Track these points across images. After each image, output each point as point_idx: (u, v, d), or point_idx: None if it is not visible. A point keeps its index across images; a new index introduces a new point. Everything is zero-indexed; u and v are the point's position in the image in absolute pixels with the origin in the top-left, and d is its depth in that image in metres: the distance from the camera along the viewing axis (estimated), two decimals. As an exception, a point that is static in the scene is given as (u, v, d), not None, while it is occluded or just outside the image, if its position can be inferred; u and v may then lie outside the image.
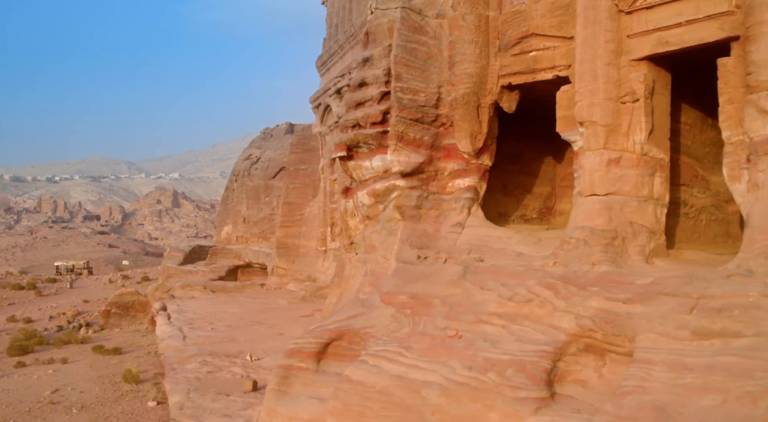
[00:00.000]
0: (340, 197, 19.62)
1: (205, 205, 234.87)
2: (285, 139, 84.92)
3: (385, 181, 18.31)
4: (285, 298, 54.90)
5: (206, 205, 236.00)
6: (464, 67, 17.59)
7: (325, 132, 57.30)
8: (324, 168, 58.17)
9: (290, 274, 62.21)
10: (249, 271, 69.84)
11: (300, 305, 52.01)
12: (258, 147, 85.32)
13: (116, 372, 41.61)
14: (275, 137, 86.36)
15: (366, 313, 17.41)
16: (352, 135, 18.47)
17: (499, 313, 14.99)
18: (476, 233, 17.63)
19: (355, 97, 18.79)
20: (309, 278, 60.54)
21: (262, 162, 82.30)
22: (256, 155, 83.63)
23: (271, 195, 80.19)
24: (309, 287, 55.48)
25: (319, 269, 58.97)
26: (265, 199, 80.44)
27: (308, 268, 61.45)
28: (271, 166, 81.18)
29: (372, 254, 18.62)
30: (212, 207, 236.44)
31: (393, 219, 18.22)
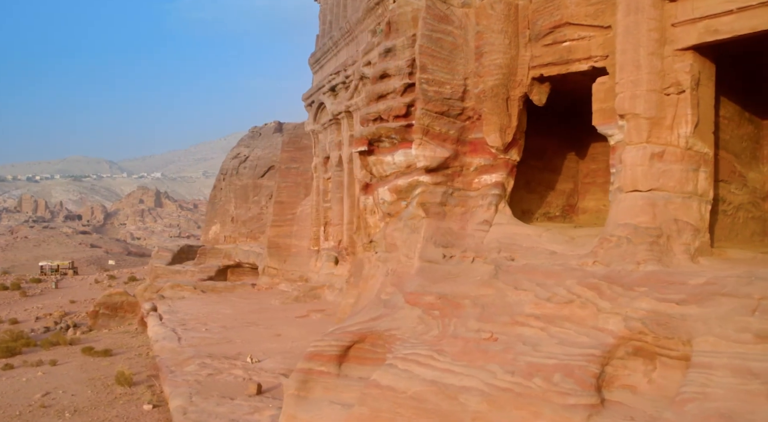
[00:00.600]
0: (359, 193, 18.76)
1: (187, 205, 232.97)
2: (274, 137, 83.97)
3: (408, 177, 17.50)
4: (278, 298, 53.95)
5: (189, 205, 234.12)
6: (493, 57, 16.80)
7: (318, 130, 56.41)
8: (317, 166, 57.30)
9: (282, 274, 61.27)
10: (239, 271, 68.79)
11: (293, 305, 51.09)
12: (246, 146, 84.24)
13: (108, 375, 40.51)
14: (264, 136, 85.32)
15: (389, 314, 16.59)
16: (374, 128, 17.62)
17: (537, 315, 14.23)
18: (504, 231, 16.86)
19: (376, 89, 17.94)
20: (301, 278, 59.63)
21: (250, 161, 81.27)
22: (245, 154, 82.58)
23: (259, 194, 79.18)
24: (302, 287, 54.58)
25: (311, 269, 58.08)
26: (253, 198, 79.43)
27: (300, 268, 60.54)
28: (259, 164, 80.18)
29: (393, 253, 17.80)
30: (195, 206, 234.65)
31: (416, 216, 17.41)
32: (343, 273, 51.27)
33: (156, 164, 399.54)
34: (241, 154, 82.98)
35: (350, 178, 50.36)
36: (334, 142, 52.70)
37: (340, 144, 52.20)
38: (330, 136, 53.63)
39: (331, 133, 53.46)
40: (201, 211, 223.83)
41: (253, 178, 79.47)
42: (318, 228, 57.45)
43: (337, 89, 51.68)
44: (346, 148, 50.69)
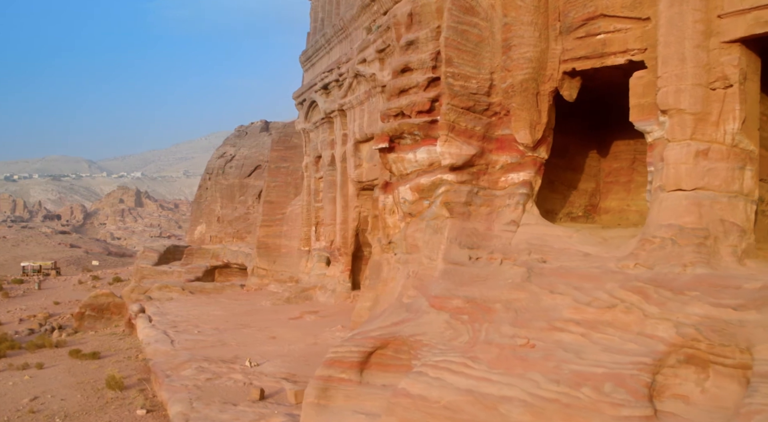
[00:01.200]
0: (378, 192, 17.94)
1: (168, 205, 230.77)
2: (260, 136, 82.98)
3: (431, 175, 16.69)
4: (268, 299, 52.99)
5: (170, 205, 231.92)
6: (522, 51, 16.03)
7: (310, 129, 55.49)
8: (308, 166, 56.38)
9: (271, 275, 60.32)
10: (227, 272, 67.74)
11: (285, 307, 50.18)
12: (233, 145, 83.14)
13: (97, 378, 39.40)
14: (250, 135, 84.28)
15: (414, 319, 15.79)
16: (396, 124, 16.78)
17: (576, 320, 13.49)
18: (533, 232, 16.10)
19: (397, 84, 17.10)
20: (291, 279, 58.71)
21: (236, 160, 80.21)
22: (231, 153, 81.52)
23: (246, 194, 78.17)
24: (293, 288, 53.69)
25: (302, 269, 57.17)
26: (240, 198, 78.41)
27: (290, 269, 59.62)
28: (246, 164, 79.15)
29: (414, 254, 17.00)
30: (176, 206, 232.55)
31: (439, 216, 16.62)
32: (335, 274, 50.43)
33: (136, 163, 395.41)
34: (228, 154, 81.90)
35: (343, 177, 49.52)
36: (327, 141, 51.81)
37: (332, 143, 51.33)
38: (322, 134, 52.74)
39: (323, 132, 52.57)
40: (182, 211, 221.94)
41: (239, 177, 78.44)
42: (309, 228, 56.55)
43: (330, 87, 50.81)
44: (339, 147, 49.84)
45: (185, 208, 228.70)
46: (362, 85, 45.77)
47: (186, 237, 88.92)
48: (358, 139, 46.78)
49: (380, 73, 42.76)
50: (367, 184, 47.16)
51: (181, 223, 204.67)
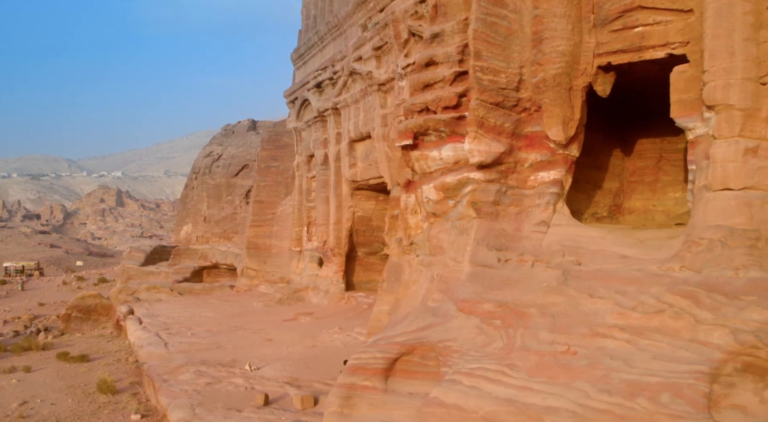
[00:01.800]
0: (400, 191, 17.14)
1: (150, 205, 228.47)
2: (248, 135, 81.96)
3: (457, 174, 15.93)
4: (260, 301, 52.03)
5: (151, 205, 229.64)
6: (555, 44, 15.31)
7: (302, 128, 54.57)
8: (300, 165, 55.45)
9: (261, 275, 59.33)
10: (215, 272, 66.63)
11: (278, 308, 49.26)
12: (219, 144, 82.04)
13: (88, 382, 38.35)
14: (237, 134, 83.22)
15: (441, 324, 15.04)
16: (422, 120, 15.99)
17: (621, 326, 12.79)
18: (565, 233, 15.40)
19: (422, 78, 16.32)
20: (282, 279, 57.76)
21: (223, 159, 79.14)
22: (218, 152, 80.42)
23: (233, 193, 77.13)
24: (285, 289, 52.74)
25: (293, 270, 56.24)
26: (227, 198, 77.35)
27: (281, 269, 58.65)
28: (233, 163, 78.11)
29: (439, 256, 16.24)
30: (157, 206, 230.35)
31: (466, 216, 15.87)
32: (328, 275, 49.57)
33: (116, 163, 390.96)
34: (214, 153, 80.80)
35: (337, 176, 48.66)
36: (319, 140, 50.92)
37: (325, 142, 50.45)
38: (314, 133, 51.85)
39: (315, 131, 51.68)
40: (164, 211, 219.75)
41: (226, 176, 77.40)
42: (300, 228, 55.63)
43: (323, 85, 49.93)
44: (333, 146, 48.97)
45: (167, 208, 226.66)
46: (357, 83, 44.96)
47: (172, 237, 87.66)
48: (353, 138, 45.97)
49: (377, 71, 41.99)
50: (362, 184, 46.37)
51: (163, 223, 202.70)
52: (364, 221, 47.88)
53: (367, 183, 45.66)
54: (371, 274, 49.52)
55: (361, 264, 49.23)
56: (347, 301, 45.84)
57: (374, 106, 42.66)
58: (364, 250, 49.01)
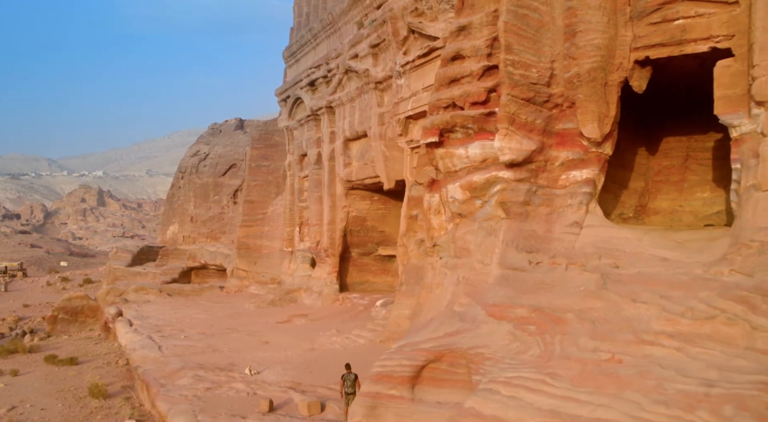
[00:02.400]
0: (422, 190, 16.36)
1: (131, 204, 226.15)
2: (235, 134, 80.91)
3: (485, 172, 15.18)
4: (251, 302, 51.10)
5: (133, 204, 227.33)
6: (590, 37, 14.60)
7: (294, 126, 53.67)
8: (291, 164, 54.57)
9: (252, 276, 58.37)
10: (203, 273, 65.53)
11: (270, 310, 48.38)
12: (206, 143, 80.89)
13: (77, 386, 37.33)
14: (224, 133, 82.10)
15: (470, 330, 14.29)
16: (449, 116, 15.22)
17: (669, 332, 12.09)
18: (599, 234, 14.70)
19: (448, 73, 15.54)
20: (273, 280, 56.83)
21: (210, 158, 78.02)
22: (204, 151, 79.29)
23: (220, 193, 76.05)
24: (277, 290, 51.84)
25: (284, 271, 55.32)
26: (214, 197, 76.26)
27: (272, 270, 57.73)
28: (220, 162, 77.02)
29: (464, 258, 15.49)
30: (139, 206, 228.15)
31: (494, 217, 15.13)
32: (321, 276, 48.72)
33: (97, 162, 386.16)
34: (201, 152, 79.66)
35: (331, 176, 47.86)
36: (312, 139, 50.07)
37: (319, 141, 49.60)
38: (307, 132, 50.98)
39: (308, 130, 50.81)
40: (145, 211, 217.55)
41: (213, 176, 76.29)
42: (292, 228, 54.74)
43: (317, 84, 49.07)
44: (327, 145, 48.15)
45: (148, 208, 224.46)
46: (353, 82, 44.16)
47: (158, 237, 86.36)
48: (348, 137, 45.16)
49: (374, 69, 41.21)
50: (357, 184, 45.57)
51: (145, 223, 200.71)
52: (358, 221, 47.09)
53: (362, 182, 44.87)
54: (365, 275, 48.76)
55: (355, 265, 48.44)
56: (342, 303, 45.02)
57: (371, 104, 41.88)
58: (358, 251, 48.22)
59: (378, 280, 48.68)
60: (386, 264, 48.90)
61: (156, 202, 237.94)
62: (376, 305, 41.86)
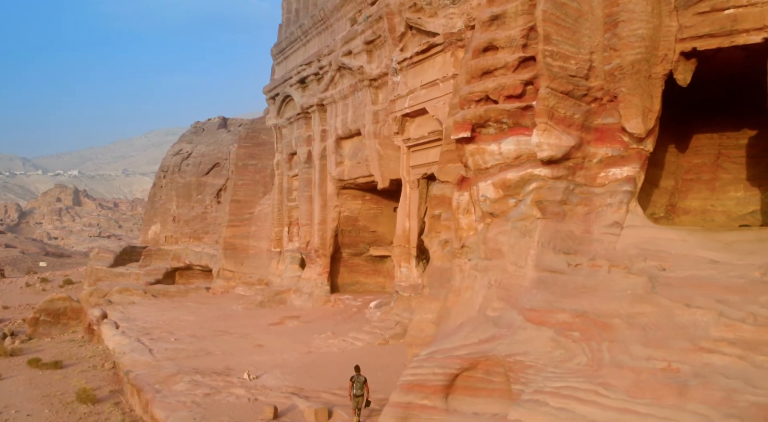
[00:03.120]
0: (453, 188, 15.48)
1: (107, 204, 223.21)
2: (218, 133, 79.63)
3: (519, 170, 14.34)
4: (239, 303, 49.98)
5: (109, 204, 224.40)
6: (633, 27, 13.80)
7: (283, 125, 52.58)
8: (280, 163, 53.47)
9: (239, 277, 57.19)
10: (188, 274, 64.20)
11: (260, 311, 47.29)
12: (189, 141, 79.50)
13: (64, 390, 36.09)
14: (207, 131, 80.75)
15: (507, 336, 13.45)
16: (482, 111, 14.34)
17: (730, 340, 11.33)
18: (641, 235, 13.91)
19: (480, 64, 14.67)
20: (260, 281, 55.72)
21: (193, 157, 76.68)
22: (187, 150, 77.90)
23: (203, 192, 74.75)
24: (266, 291, 50.74)
25: (272, 272, 54.22)
26: (197, 197, 74.94)
27: (259, 271, 56.59)
28: (203, 161, 75.71)
29: (496, 260, 14.64)
30: (115, 205, 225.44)
31: (529, 216, 14.30)
32: (311, 277, 47.70)
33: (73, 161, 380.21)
34: (183, 151, 78.27)
35: (322, 175, 46.86)
36: (303, 137, 49.03)
37: (309, 139, 48.57)
38: (297, 130, 49.91)
39: (298, 128, 49.75)
40: (122, 211, 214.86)
41: (196, 175, 74.96)
42: (280, 228, 53.64)
43: (307, 81, 48.04)
44: (318, 143, 47.14)
45: (125, 208, 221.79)
46: (346, 79, 43.21)
47: (139, 237, 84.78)
48: (340, 135, 44.19)
49: (368, 66, 40.30)
50: (349, 183, 44.62)
51: (122, 223, 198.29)
52: (350, 221, 46.14)
53: (354, 182, 43.93)
54: (356, 276, 47.83)
55: (345, 266, 47.48)
56: (334, 304, 44.05)
57: (364, 102, 40.97)
58: (349, 251, 47.27)
59: (369, 281, 47.77)
60: (377, 264, 48.01)
61: (132, 201, 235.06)
62: (369, 306, 40.98)
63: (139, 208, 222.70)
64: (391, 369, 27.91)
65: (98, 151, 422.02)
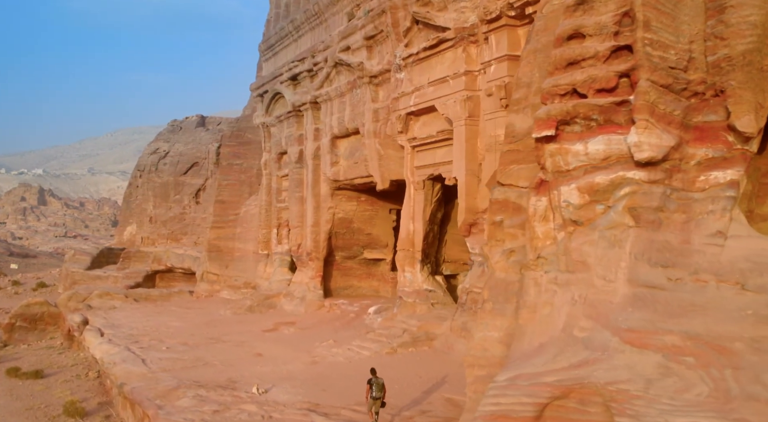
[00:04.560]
0: (530, 193, 13.76)
1: (73, 203, 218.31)
2: (196, 132, 77.30)
3: (609, 172, 12.67)
4: (227, 308, 47.85)
5: (75, 203, 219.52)
6: (744, 13, 12.20)
7: (271, 123, 50.51)
8: (268, 163, 51.42)
9: (223, 280, 54.98)
10: (169, 277, 61.80)
11: (249, 316, 45.25)
12: (166, 140, 77.03)
13: (48, 402, 33.92)
14: (185, 130, 78.32)
15: (602, 360, 11.80)
16: (570, 106, 12.61)
17: None
18: (749, 246, 12.31)
19: (566, 54, 12.94)
20: (247, 285, 53.61)
21: (171, 156, 74.24)
22: (164, 149, 75.47)
23: (182, 192, 72.36)
24: (255, 296, 48.65)
25: (260, 275, 52.19)
26: (174, 197, 72.53)
27: (245, 274, 54.48)
28: (181, 161, 73.32)
29: (580, 273, 12.96)
30: (81, 205, 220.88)
31: (619, 225, 12.64)
32: (303, 280, 45.78)
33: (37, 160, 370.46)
34: (161, 150, 75.81)
35: (315, 175, 44.92)
36: (294, 136, 47.03)
37: (301, 138, 46.61)
38: (288, 129, 47.88)
39: (289, 126, 47.72)
40: (88, 210, 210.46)
41: (174, 175, 72.57)
42: (268, 230, 51.58)
43: (299, 78, 46.08)
44: (311, 142, 45.20)
45: (91, 207, 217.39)
46: (343, 75, 41.34)
47: (115, 238, 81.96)
48: (336, 134, 42.32)
49: (368, 62, 38.51)
50: (345, 184, 42.80)
51: (88, 223, 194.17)
52: (344, 223, 44.32)
53: (351, 182, 42.12)
54: (349, 280, 46.02)
55: (338, 269, 45.65)
56: (329, 310, 42.17)
57: (364, 99, 39.18)
58: (342, 254, 45.44)
59: (363, 285, 46.00)
60: (371, 268, 46.24)
61: (99, 201, 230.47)
62: (368, 312, 39.20)
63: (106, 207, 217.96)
64: (405, 382, 26.26)
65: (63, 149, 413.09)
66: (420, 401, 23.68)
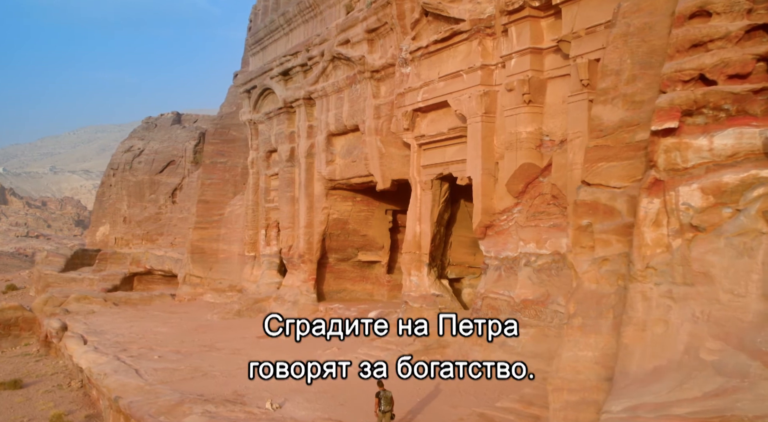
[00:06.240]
0: (640, 194, 11.91)
1: (35, 203, 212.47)
2: (172, 129, 74.52)
3: (739, 171, 10.91)
4: (214, 312, 45.38)
5: (37, 203, 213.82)
6: None
7: (259, 120, 48.13)
8: (256, 161, 49.02)
9: (207, 283, 52.43)
10: (148, 279, 59.02)
11: (238, 321, 42.87)
12: (140, 138, 74.10)
13: (31, 415, 31.42)
14: (160, 127, 75.47)
15: (745, 389, 10.04)
16: (699, 94, 10.78)
17: None
18: None
19: (689, 34, 11.12)
20: (231, 287, 51.14)
21: (146, 155, 71.39)
22: (139, 147, 72.55)
23: (157, 191, 69.58)
24: (242, 299, 46.23)
25: (246, 277, 49.78)
26: (150, 196, 69.71)
27: (230, 276, 52.00)
28: (157, 159, 70.53)
29: (701, 286, 11.19)
30: (44, 204, 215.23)
31: (750, 231, 10.90)
32: (294, 284, 43.52)
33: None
34: (135, 147, 72.89)
35: (308, 174, 42.68)
36: (285, 134, 44.73)
37: (293, 136, 44.34)
38: (278, 126, 45.55)
39: (279, 124, 45.40)
40: (51, 210, 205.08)
41: (149, 173, 69.78)
42: (255, 231, 49.19)
43: (292, 73, 43.80)
44: (304, 140, 42.97)
45: (54, 207, 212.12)
46: (341, 70, 39.21)
47: (86, 238, 78.77)
48: (332, 132, 40.15)
49: (370, 57, 36.42)
50: (341, 183, 40.64)
51: (51, 222, 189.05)
52: (339, 224, 42.18)
53: (347, 182, 39.99)
54: (343, 283, 43.89)
55: (331, 272, 43.48)
56: (325, 314, 40.03)
57: (364, 95, 37.09)
58: (336, 256, 43.30)
59: (356, 288, 43.92)
60: (365, 270, 44.21)
61: (62, 200, 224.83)
62: (368, 317, 37.27)
63: (69, 206, 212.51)
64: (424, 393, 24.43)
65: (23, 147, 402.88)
66: (447, 416, 21.76)
